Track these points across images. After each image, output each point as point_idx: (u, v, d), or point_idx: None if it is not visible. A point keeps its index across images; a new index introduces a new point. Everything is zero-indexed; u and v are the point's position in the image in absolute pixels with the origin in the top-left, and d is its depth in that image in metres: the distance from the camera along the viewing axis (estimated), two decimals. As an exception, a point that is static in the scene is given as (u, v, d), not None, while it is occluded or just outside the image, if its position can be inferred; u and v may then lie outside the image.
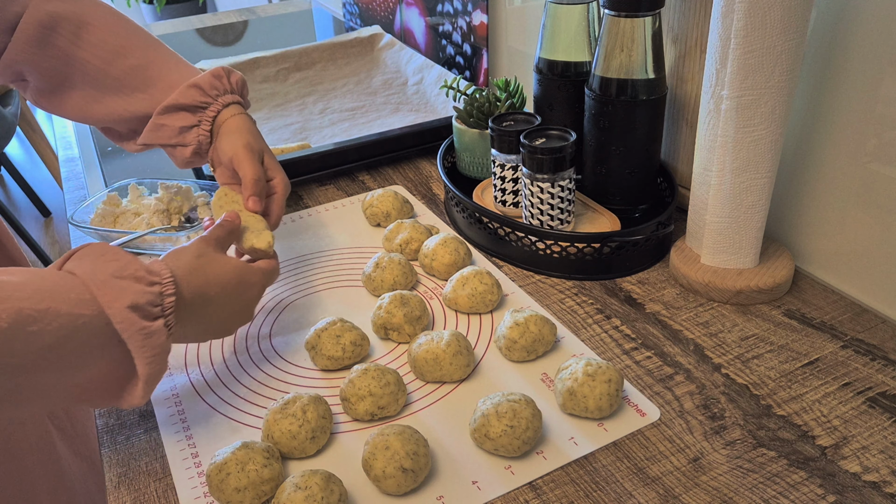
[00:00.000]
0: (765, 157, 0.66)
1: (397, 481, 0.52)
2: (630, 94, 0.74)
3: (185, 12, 3.20)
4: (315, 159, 0.98)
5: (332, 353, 0.64)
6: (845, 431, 0.57)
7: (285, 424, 0.56)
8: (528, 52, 1.10)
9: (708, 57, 0.66)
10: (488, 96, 0.91)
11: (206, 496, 0.54)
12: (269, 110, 1.21)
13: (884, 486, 0.52)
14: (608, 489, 0.54)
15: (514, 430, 0.54)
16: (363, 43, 1.43)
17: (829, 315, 0.69)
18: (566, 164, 0.74)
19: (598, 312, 0.72)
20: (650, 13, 0.71)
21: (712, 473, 0.54)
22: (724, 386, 0.62)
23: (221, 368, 0.67)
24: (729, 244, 0.71)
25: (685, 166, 0.84)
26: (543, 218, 0.77)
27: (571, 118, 0.84)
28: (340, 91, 1.28)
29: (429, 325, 0.70)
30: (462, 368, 0.63)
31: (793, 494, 0.52)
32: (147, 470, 0.57)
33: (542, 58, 0.83)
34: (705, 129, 0.68)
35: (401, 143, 1.02)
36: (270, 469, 0.53)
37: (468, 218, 0.84)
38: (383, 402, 0.59)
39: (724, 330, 0.68)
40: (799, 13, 0.59)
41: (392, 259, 0.75)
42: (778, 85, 0.62)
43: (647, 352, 0.66)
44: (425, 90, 1.23)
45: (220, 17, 1.89)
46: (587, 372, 0.58)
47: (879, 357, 0.64)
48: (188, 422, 0.61)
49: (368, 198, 0.87)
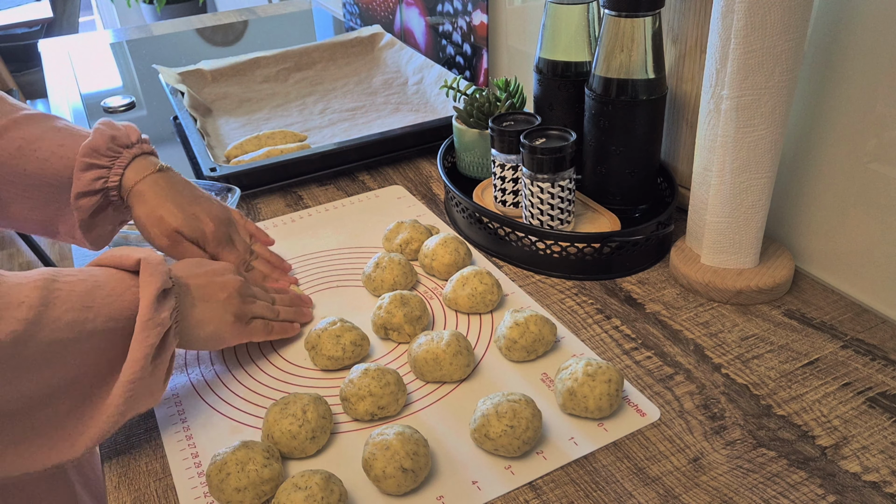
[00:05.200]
0: (765, 157, 0.66)
1: (397, 481, 0.52)
2: (630, 94, 0.74)
3: (185, 12, 3.20)
4: (315, 159, 0.98)
5: (332, 353, 0.64)
6: (845, 431, 0.57)
7: (285, 424, 0.56)
8: (528, 52, 1.10)
9: (708, 57, 0.66)
10: (488, 96, 0.91)
11: (206, 496, 0.54)
12: (269, 110, 1.21)
13: (884, 486, 0.52)
14: (608, 489, 0.54)
15: (514, 430, 0.54)
16: (363, 43, 1.43)
17: (829, 315, 0.69)
18: (566, 164, 0.74)
19: (598, 312, 0.72)
20: (650, 13, 0.71)
21: (712, 473, 0.54)
22: (724, 386, 0.62)
23: (221, 368, 0.67)
24: (729, 244, 0.71)
25: (685, 166, 0.84)
26: (543, 218, 0.77)
27: (571, 118, 0.84)
28: (340, 91, 1.28)
29: (429, 325, 0.70)
30: (462, 368, 0.63)
31: (793, 494, 0.52)
32: (147, 470, 0.57)
33: (542, 58, 0.83)
34: (705, 129, 0.68)
35: (401, 143, 1.02)
36: (270, 469, 0.53)
37: (468, 218, 0.84)
38: (383, 402, 0.59)
39: (724, 330, 0.68)
40: (799, 13, 0.59)
41: (392, 259, 0.75)
42: (778, 85, 0.62)
43: (647, 352, 0.66)
44: (425, 90, 1.23)
45: (220, 17, 1.89)
46: (587, 372, 0.58)
47: (879, 357, 0.64)
48: (188, 422, 0.61)
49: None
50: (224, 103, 1.23)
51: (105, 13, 4.30)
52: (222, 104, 1.23)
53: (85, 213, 0.66)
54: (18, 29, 3.19)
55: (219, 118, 1.19)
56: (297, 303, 0.72)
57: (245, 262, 0.72)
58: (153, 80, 1.41)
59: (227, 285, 0.63)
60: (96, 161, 0.65)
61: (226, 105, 1.23)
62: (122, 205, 0.69)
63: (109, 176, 0.66)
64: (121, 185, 0.67)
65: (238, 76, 1.32)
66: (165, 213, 0.67)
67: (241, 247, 0.73)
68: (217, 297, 0.62)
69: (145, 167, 0.68)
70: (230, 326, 0.62)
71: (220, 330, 0.62)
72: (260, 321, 0.65)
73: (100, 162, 0.65)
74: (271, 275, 0.75)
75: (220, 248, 0.70)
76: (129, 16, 4.01)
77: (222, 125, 1.16)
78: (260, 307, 0.66)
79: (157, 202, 0.67)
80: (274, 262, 0.76)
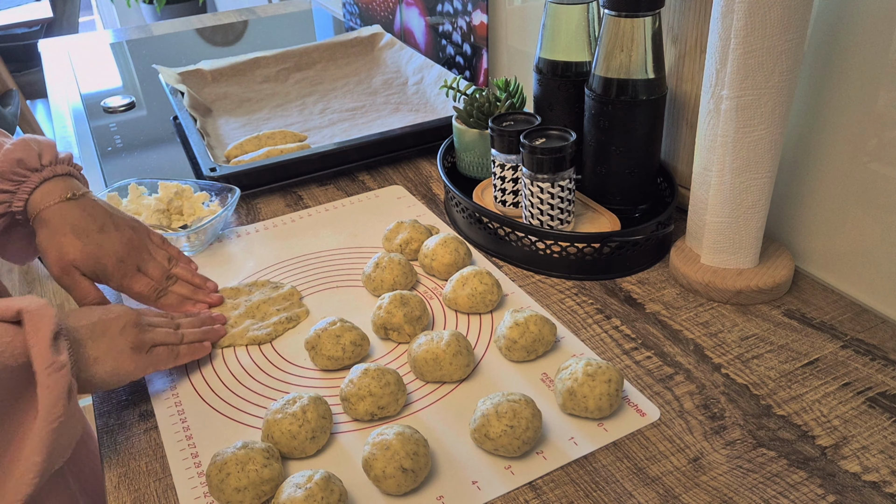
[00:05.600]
0: (765, 157, 0.66)
1: (397, 481, 0.52)
2: (630, 94, 0.74)
3: (185, 12, 3.20)
4: (315, 159, 0.98)
5: (332, 353, 0.64)
6: (845, 431, 0.57)
7: (285, 424, 0.56)
8: (528, 52, 1.10)
9: (708, 57, 0.66)
10: (488, 96, 0.91)
11: (206, 496, 0.54)
12: (270, 110, 1.21)
13: (884, 486, 0.52)
14: (608, 489, 0.54)
15: (514, 430, 0.54)
16: (363, 43, 1.43)
17: (829, 315, 0.69)
18: (566, 164, 0.74)
19: (598, 312, 0.72)
20: (650, 13, 0.71)
21: (712, 473, 0.54)
22: (724, 386, 0.62)
23: (221, 368, 0.67)
24: (729, 244, 0.71)
25: (685, 166, 0.84)
26: (543, 218, 0.77)
27: (571, 118, 0.84)
28: (340, 91, 1.28)
29: (429, 325, 0.70)
30: (462, 368, 0.63)
31: (793, 494, 0.52)
32: (147, 470, 0.57)
33: (542, 58, 0.83)
34: (705, 129, 0.68)
35: (401, 143, 1.02)
36: (270, 469, 0.53)
37: (468, 218, 0.84)
38: (383, 402, 0.59)
39: (724, 330, 0.68)
40: (799, 13, 0.59)
41: (392, 259, 0.75)
42: (778, 85, 0.62)
43: (647, 352, 0.66)
44: (425, 90, 1.23)
45: (220, 17, 1.89)
46: (587, 372, 0.58)
47: (879, 357, 0.64)
48: (188, 422, 0.61)
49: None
50: (224, 103, 1.23)
51: (105, 13, 4.30)
52: (222, 104, 1.23)
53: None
54: (18, 29, 3.19)
55: (219, 118, 1.19)
56: (208, 322, 0.70)
57: (158, 290, 0.70)
58: (153, 80, 1.41)
59: (119, 318, 0.60)
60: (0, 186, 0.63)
61: (226, 105, 1.23)
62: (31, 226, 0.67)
63: (13, 201, 0.64)
64: (26, 210, 0.65)
65: (238, 76, 1.32)
66: (65, 243, 0.64)
67: (156, 273, 0.70)
68: (110, 331, 0.59)
69: (53, 193, 0.65)
70: (129, 359, 0.60)
71: (119, 364, 0.59)
72: (163, 348, 0.63)
73: (3, 186, 0.63)
74: (192, 297, 0.73)
75: (125, 280, 0.68)
76: (129, 16, 4.01)
77: (222, 125, 1.16)
78: (160, 334, 0.64)
79: (59, 231, 0.64)
80: (197, 283, 0.74)
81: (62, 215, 0.65)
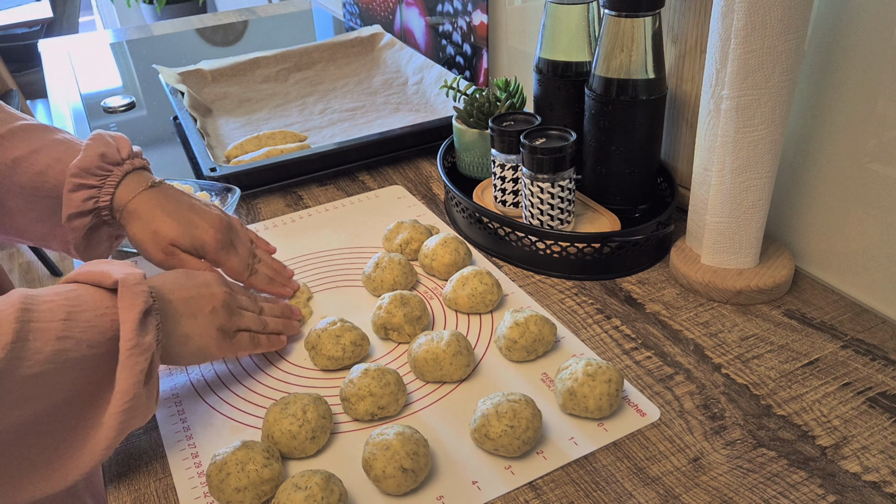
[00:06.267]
0: (765, 157, 0.66)
1: (397, 481, 0.52)
2: (630, 94, 0.74)
3: (185, 12, 3.20)
4: (315, 159, 0.98)
5: (332, 353, 0.64)
6: (845, 431, 0.57)
7: (285, 424, 0.56)
8: (528, 52, 1.10)
9: (708, 57, 0.66)
10: (488, 96, 0.91)
11: (206, 496, 0.54)
12: (270, 110, 1.21)
13: (884, 486, 0.52)
14: (608, 489, 0.54)
15: (514, 430, 0.54)
16: (363, 43, 1.43)
17: (829, 315, 0.69)
18: (566, 164, 0.74)
19: (598, 312, 0.72)
20: (650, 13, 0.71)
21: (712, 473, 0.54)
22: (724, 386, 0.62)
23: (221, 368, 0.67)
24: (729, 244, 0.71)
25: (685, 166, 0.84)
26: (543, 218, 0.77)
27: (571, 118, 0.84)
28: (340, 91, 1.28)
29: (429, 325, 0.70)
30: (462, 368, 0.63)
31: (793, 494, 0.52)
32: (147, 470, 0.57)
33: (542, 58, 0.83)
34: (705, 129, 0.68)
35: (401, 143, 1.02)
36: (270, 469, 0.53)
37: (468, 218, 0.84)
38: (383, 402, 0.59)
39: (724, 330, 0.68)
40: (799, 13, 0.59)
41: (392, 259, 0.75)
42: (778, 85, 0.62)
43: (647, 352, 0.66)
44: (425, 90, 1.23)
45: (220, 17, 1.89)
46: (587, 372, 0.58)
47: (879, 357, 0.64)
48: (188, 422, 0.61)
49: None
50: (224, 103, 1.23)
51: (105, 13, 4.30)
52: (222, 104, 1.23)
53: (79, 234, 0.65)
54: (18, 29, 3.19)
55: (219, 118, 1.19)
56: (287, 313, 0.70)
57: (249, 267, 0.71)
58: (153, 80, 1.41)
59: (213, 297, 0.61)
60: (85, 181, 0.63)
61: (226, 105, 1.23)
62: (116, 223, 0.67)
63: (100, 196, 0.64)
64: (112, 205, 0.65)
65: (238, 76, 1.32)
66: (160, 226, 0.65)
67: (244, 251, 0.71)
68: (203, 310, 0.60)
69: (137, 184, 0.66)
70: (215, 341, 0.60)
71: (205, 345, 0.60)
72: (246, 334, 0.64)
73: (89, 182, 0.63)
74: (276, 279, 0.74)
75: (222, 253, 0.68)
76: (129, 16, 4.01)
77: (222, 125, 1.16)
78: (247, 319, 0.64)
79: (151, 217, 0.65)
80: (277, 268, 0.75)
81: (150, 203, 0.65)
